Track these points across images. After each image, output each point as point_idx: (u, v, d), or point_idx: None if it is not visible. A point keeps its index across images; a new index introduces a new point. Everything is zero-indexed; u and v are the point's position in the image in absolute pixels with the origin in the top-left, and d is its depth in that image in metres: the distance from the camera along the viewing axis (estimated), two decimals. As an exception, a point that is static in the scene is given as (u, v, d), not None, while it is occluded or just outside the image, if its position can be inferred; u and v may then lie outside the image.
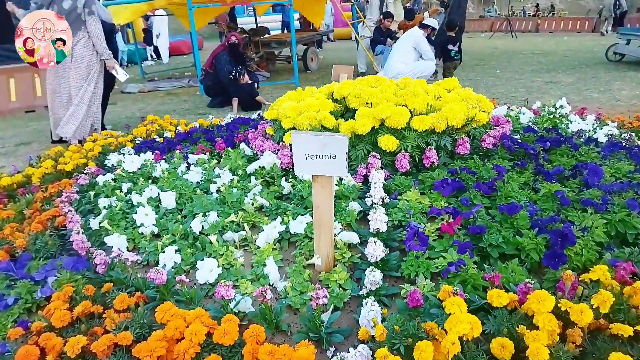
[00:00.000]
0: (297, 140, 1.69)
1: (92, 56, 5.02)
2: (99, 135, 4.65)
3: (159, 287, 1.89)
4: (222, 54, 7.20)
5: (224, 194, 2.52)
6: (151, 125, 4.79)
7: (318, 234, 1.91)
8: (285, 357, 1.47)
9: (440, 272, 1.83)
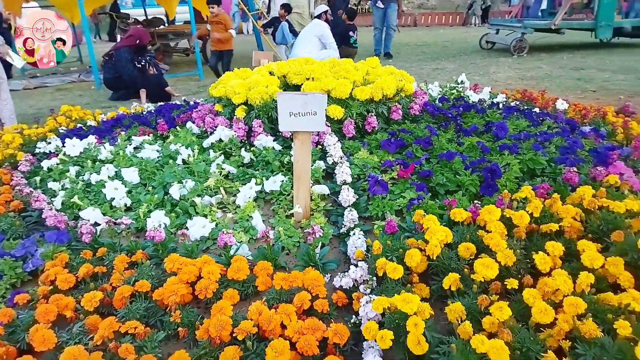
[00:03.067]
0: (282, 100, 1.94)
1: None
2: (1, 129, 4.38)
3: (156, 245, 2.01)
4: (123, 51, 6.86)
5: (191, 165, 2.65)
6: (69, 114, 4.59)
7: (297, 186, 2.18)
8: (298, 279, 1.74)
9: (402, 209, 2.21)
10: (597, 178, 2.22)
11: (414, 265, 1.68)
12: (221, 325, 1.54)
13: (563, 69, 7.89)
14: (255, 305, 1.63)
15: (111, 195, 2.43)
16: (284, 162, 2.68)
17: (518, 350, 1.31)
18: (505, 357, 1.22)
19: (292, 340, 1.50)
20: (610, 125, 3.29)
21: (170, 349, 1.58)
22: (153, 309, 1.73)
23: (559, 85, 6.51)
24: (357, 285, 1.76)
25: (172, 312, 1.66)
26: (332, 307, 1.70)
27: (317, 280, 1.72)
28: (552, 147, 2.67)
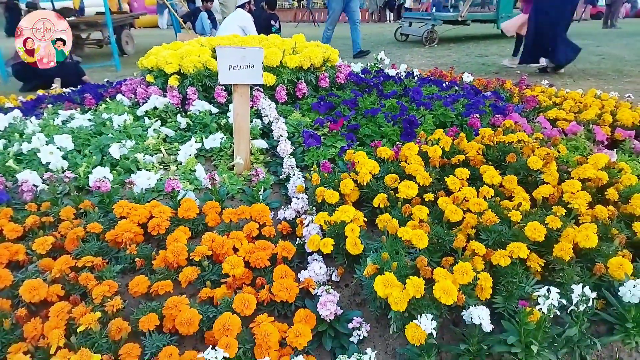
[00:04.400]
0: (222, 53, 2.09)
1: None
2: None
3: (102, 196, 2.07)
4: None
5: (128, 129, 2.70)
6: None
7: (238, 139, 2.34)
8: (246, 212, 1.91)
9: (334, 157, 2.45)
10: (496, 124, 2.60)
11: (348, 191, 1.92)
12: (178, 251, 1.68)
13: (469, 56, 8.63)
14: (208, 234, 1.78)
15: (47, 160, 2.43)
16: (221, 125, 2.81)
17: (434, 239, 1.59)
18: (425, 241, 1.49)
19: (244, 260, 1.68)
20: (508, 92, 3.77)
21: (127, 280, 1.68)
22: (106, 249, 1.82)
23: (466, 69, 7.13)
24: (299, 216, 1.97)
25: (127, 247, 1.76)
26: (277, 236, 1.90)
27: (263, 212, 1.91)
28: (459, 105, 3.05)
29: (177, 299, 1.48)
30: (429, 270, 1.41)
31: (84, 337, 1.41)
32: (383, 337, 1.50)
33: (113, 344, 1.39)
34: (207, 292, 1.58)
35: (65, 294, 1.59)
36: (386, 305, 1.49)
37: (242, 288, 1.60)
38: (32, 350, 1.40)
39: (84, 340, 1.40)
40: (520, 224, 1.62)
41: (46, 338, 1.41)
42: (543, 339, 1.32)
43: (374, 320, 1.55)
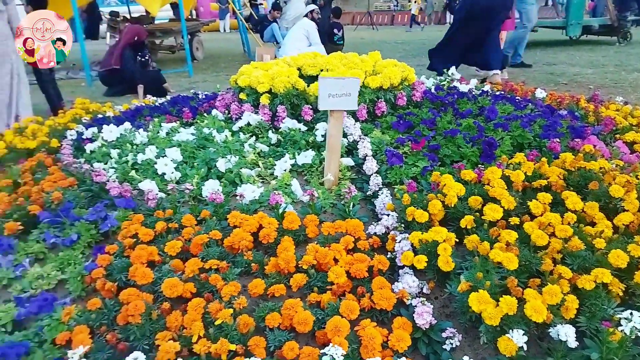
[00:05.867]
0: (323, 83, 2.34)
1: (9, 45, 4.97)
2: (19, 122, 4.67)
3: (215, 206, 2.39)
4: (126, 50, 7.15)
5: (228, 144, 3.03)
6: (85, 107, 4.87)
7: (329, 158, 2.59)
8: (342, 227, 2.15)
9: (416, 175, 2.64)
10: (575, 148, 2.68)
11: (435, 212, 2.11)
12: (288, 259, 1.94)
13: (537, 64, 8.47)
14: (312, 246, 2.03)
15: (162, 170, 2.79)
16: (309, 141, 3.08)
17: (522, 262, 1.75)
18: (515, 264, 1.66)
19: (345, 270, 1.91)
20: (583, 110, 3.79)
21: (245, 281, 1.96)
22: (224, 253, 2.11)
23: (533, 78, 7.06)
24: (388, 232, 2.18)
25: (243, 253, 2.04)
26: (370, 249, 2.12)
27: (358, 227, 2.14)
28: (536, 126, 3.13)
29: (293, 301, 1.74)
30: (519, 290, 1.58)
31: (218, 329, 1.69)
32: (472, 347, 1.69)
33: (242, 336, 1.67)
34: (315, 296, 1.83)
35: (197, 292, 1.89)
36: (476, 318, 1.68)
37: (345, 295, 1.84)
38: (176, 338, 1.70)
39: (219, 332, 1.68)
40: (603, 250, 1.74)
41: (186, 329, 1.71)
42: (624, 357, 1.45)
43: (463, 331, 1.73)
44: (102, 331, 1.74)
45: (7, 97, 5.06)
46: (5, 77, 5.02)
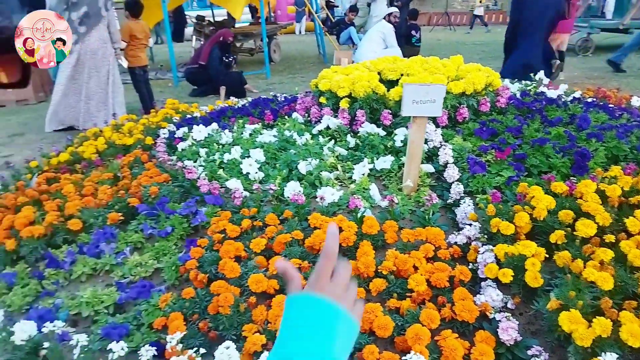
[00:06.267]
0: (408, 89, 2.35)
1: (106, 49, 5.46)
2: (116, 120, 5.09)
3: (297, 207, 2.48)
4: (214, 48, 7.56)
5: (308, 147, 3.12)
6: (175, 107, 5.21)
7: (409, 163, 2.58)
8: (422, 234, 2.14)
9: (499, 185, 2.56)
10: (681, 162, 2.47)
11: (522, 225, 2.04)
12: (367, 264, 1.98)
13: (630, 69, 7.82)
14: (391, 252, 2.05)
15: (247, 170, 2.93)
16: (388, 146, 3.09)
17: (617, 282, 1.65)
18: (610, 284, 1.57)
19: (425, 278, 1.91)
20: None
21: (324, 282, 2.02)
22: (305, 253, 2.19)
23: (627, 84, 6.52)
24: (469, 242, 2.14)
25: (324, 254, 2.10)
26: (450, 258, 2.09)
27: (438, 235, 2.12)
28: (633, 137, 2.91)
29: (373, 305, 1.77)
30: (614, 312, 1.49)
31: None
32: (559, 368, 1.62)
33: (323, 335, 1.72)
34: (394, 302, 1.84)
35: (280, 289, 1.98)
36: (565, 338, 1.61)
37: (425, 303, 1.84)
38: (262, 330, 1.79)
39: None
40: None
41: (271, 323, 1.79)
42: None
43: (549, 350, 1.66)
44: (194, 319, 1.88)
45: (105, 96, 5.56)
46: (104, 77, 5.53)
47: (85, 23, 5.27)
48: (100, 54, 5.48)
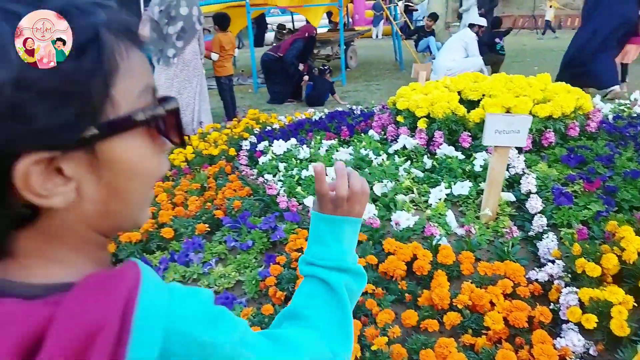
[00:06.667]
0: (491, 119, 2.31)
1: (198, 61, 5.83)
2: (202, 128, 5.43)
3: (371, 230, 2.53)
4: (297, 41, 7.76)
5: (384, 167, 3.16)
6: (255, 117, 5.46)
7: (488, 191, 2.54)
8: (501, 269, 2.10)
9: (587, 219, 2.44)
10: None
11: (610, 267, 1.94)
12: (442, 296, 1.98)
13: None
14: (467, 285, 2.04)
15: (323, 188, 3.03)
16: (466, 170, 3.05)
17: None
18: None
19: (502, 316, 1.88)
20: None
21: (397, 309, 2.05)
22: (378, 279, 2.23)
23: None
24: (552, 280, 2.07)
25: (398, 281, 2.14)
26: (529, 296, 2.04)
27: (518, 271, 2.07)
28: None
29: (447, 340, 1.78)
30: None
31: (373, 354, 1.81)
32: None
33: (395, 365, 1.76)
34: (469, 338, 1.83)
35: (353, 313, 2.04)
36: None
37: (501, 342, 1.81)
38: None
39: (374, 356, 1.80)
40: None
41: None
42: None
43: (635, 406, 1.58)
44: (272, 335, 1.99)
45: (194, 104, 5.94)
46: (196, 87, 5.90)
47: (182, 37, 5.67)
48: (192, 66, 5.86)
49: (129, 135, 0.43)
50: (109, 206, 0.44)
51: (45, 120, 0.38)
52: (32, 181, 0.38)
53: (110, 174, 0.43)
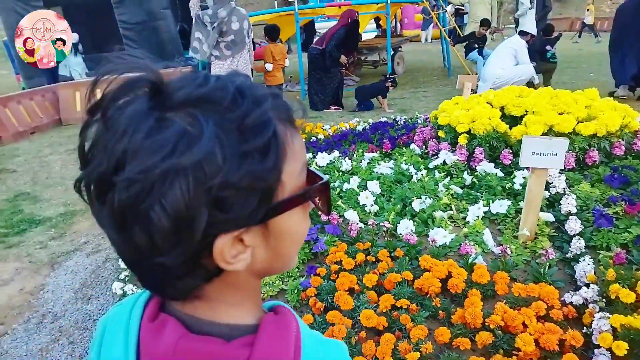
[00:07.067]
0: (527, 142, 2.36)
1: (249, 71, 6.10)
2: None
3: (408, 246, 2.63)
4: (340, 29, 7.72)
5: (423, 182, 3.24)
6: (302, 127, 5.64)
7: (526, 212, 2.57)
8: (535, 291, 2.15)
9: (626, 243, 2.43)
10: None
11: (646, 294, 1.95)
12: (475, 315, 2.06)
13: None
14: (500, 305, 2.10)
15: (363, 202, 3.15)
16: (506, 188, 3.08)
17: None
18: None
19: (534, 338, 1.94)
20: None
21: (430, 325, 2.15)
22: (413, 294, 2.33)
23: None
24: (586, 304, 2.09)
25: (432, 298, 2.23)
26: (562, 319, 2.07)
27: (552, 294, 2.12)
28: None
29: (476, 359, 1.86)
30: None
31: (405, 367, 1.92)
32: None
33: (426, 379, 1.86)
34: (500, 359, 1.91)
35: (388, 326, 2.16)
36: None
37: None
38: (370, 364, 1.98)
39: (406, 370, 1.91)
40: None
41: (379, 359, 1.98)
42: None
43: None
44: (310, 344, 2.13)
45: None
46: None
47: (231, 48, 5.94)
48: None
49: (292, 210, 0.53)
50: (272, 264, 0.56)
51: (239, 210, 0.46)
52: (225, 253, 0.48)
53: (276, 241, 0.53)
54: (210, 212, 0.45)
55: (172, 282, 0.50)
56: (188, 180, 0.43)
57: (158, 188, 0.43)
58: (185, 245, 0.46)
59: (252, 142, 0.46)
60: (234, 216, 0.47)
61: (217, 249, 0.47)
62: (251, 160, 0.46)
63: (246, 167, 0.45)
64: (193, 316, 0.54)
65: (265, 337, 0.52)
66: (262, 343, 0.51)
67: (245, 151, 0.46)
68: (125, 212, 0.45)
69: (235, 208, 0.46)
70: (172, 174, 0.43)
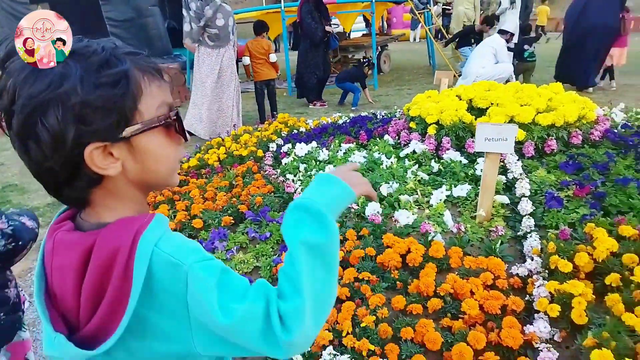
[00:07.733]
0: (481, 128, 2.56)
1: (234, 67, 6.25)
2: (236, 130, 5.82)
3: (374, 226, 2.82)
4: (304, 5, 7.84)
5: (392, 170, 3.43)
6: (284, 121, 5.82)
7: (482, 194, 2.77)
8: (484, 263, 2.35)
9: (574, 222, 2.64)
10: None
11: (582, 264, 2.16)
12: (428, 284, 2.25)
13: None
14: (451, 276, 2.30)
15: (336, 188, 3.33)
16: (469, 174, 3.28)
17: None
18: (649, 331, 1.68)
19: (479, 304, 2.13)
20: None
21: (389, 295, 2.33)
22: (376, 268, 2.52)
23: None
24: (531, 275, 2.30)
25: (391, 271, 2.42)
26: (509, 288, 2.27)
27: (499, 266, 2.32)
28: None
29: (426, 321, 2.05)
30: (647, 358, 1.61)
31: (362, 330, 2.10)
32: (594, 402, 1.75)
33: (381, 340, 2.05)
34: (447, 321, 2.10)
35: (350, 296, 2.34)
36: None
37: (475, 326, 2.07)
38: (330, 329, 2.16)
39: (363, 332, 2.09)
40: None
41: (339, 324, 2.16)
42: None
43: (587, 384, 1.80)
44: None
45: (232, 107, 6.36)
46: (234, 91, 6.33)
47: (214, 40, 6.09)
48: (230, 71, 6.30)
49: (151, 133, 0.71)
50: (142, 176, 0.73)
51: (98, 124, 0.65)
52: (95, 159, 0.66)
53: (141, 156, 0.71)
54: (76, 126, 0.64)
55: (63, 187, 0.71)
56: (58, 104, 0.64)
57: (40, 110, 0.64)
58: (63, 151, 0.65)
59: (105, 77, 0.66)
60: (95, 129, 0.66)
61: (86, 155, 0.66)
62: (104, 87, 0.66)
63: (99, 91, 0.65)
64: (84, 220, 0.75)
65: (110, 228, 0.70)
66: (105, 232, 0.70)
67: (100, 82, 0.66)
68: (22, 131, 0.66)
69: (96, 123, 0.65)
70: (48, 99, 0.64)
